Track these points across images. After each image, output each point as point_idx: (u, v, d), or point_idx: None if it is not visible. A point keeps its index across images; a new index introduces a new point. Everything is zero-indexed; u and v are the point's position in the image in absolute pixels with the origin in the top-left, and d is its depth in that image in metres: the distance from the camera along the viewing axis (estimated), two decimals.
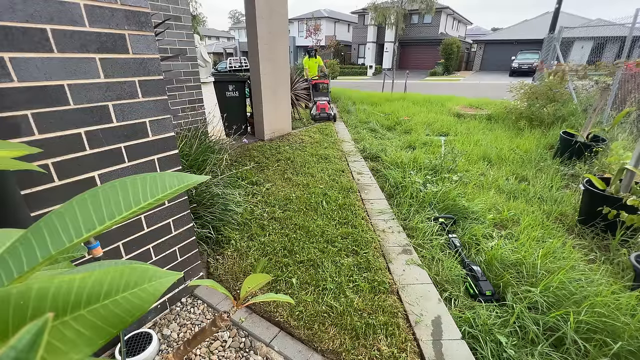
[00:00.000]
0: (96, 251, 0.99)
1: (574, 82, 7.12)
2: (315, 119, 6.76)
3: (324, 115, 6.72)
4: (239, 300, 0.84)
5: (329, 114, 6.74)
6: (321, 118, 6.75)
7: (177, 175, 0.45)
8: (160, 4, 3.38)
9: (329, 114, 6.74)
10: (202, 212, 2.39)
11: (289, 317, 1.77)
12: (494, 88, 13.67)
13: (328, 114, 6.73)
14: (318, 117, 6.73)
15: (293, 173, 3.76)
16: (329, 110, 6.79)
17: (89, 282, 0.29)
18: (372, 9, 21.42)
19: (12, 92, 1.03)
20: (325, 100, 6.98)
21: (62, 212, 0.35)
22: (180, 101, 3.88)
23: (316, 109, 6.80)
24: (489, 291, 1.99)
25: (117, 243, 1.46)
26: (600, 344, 1.59)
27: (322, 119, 6.75)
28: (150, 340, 1.51)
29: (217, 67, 18.96)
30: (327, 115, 6.71)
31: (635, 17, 6.15)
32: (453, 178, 3.64)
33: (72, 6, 1.10)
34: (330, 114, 6.74)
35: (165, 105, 1.48)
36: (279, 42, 4.86)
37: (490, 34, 35.11)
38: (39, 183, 1.15)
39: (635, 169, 2.51)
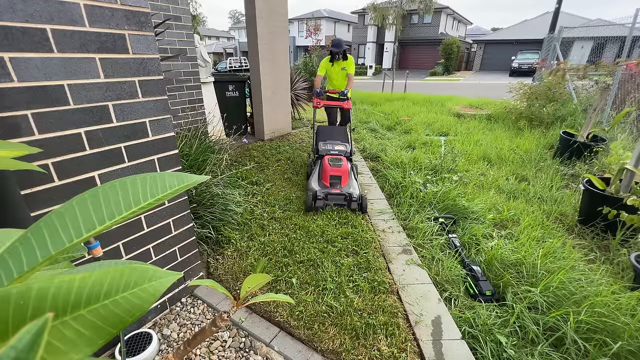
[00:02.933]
0: (96, 251, 0.99)
1: (574, 82, 7.12)
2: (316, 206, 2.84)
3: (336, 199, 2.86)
4: (239, 300, 0.84)
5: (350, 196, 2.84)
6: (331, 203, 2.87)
7: (177, 175, 0.45)
8: (160, 4, 3.38)
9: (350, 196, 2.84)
10: (202, 212, 2.39)
11: (289, 317, 1.77)
12: (494, 88, 13.68)
13: (347, 194, 2.84)
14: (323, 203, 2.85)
15: (293, 173, 3.76)
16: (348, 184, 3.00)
17: (89, 282, 0.29)
18: (371, 9, 21.42)
19: (12, 92, 1.03)
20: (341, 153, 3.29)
21: (62, 212, 0.35)
22: (180, 101, 3.88)
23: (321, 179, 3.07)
24: (489, 291, 1.99)
25: (117, 243, 1.46)
26: (600, 344, 1.59)
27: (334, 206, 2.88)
28: (150, 340, 1.51)
29: (217, 67, 18.96)
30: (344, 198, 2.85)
31: (635, 17, 6.16)
32: (453, 178, 3.64)
33: (72, 6, 1.10)
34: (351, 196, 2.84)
35: (165, 105, 1.48)
36: (279, 42, 4.86)
37: (490, 34, 35.10)
38: (39, 183, 1.15)
39: (635, 169, 2.51)
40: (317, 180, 3.06)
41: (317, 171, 3.17)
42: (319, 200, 2.80)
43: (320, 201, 2.81)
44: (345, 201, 2.85)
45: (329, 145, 3.41)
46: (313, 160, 3.50)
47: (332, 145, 3.42)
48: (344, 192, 2.84)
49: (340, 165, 3.00)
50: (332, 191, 2.84)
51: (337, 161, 3.07)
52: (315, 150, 3.43)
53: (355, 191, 2.90)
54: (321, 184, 3.00)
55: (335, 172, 2.97)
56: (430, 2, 20.53)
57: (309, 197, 2.80)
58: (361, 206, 2.83)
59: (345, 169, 3.00)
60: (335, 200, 2.85)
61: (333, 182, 2.97)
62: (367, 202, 2.93)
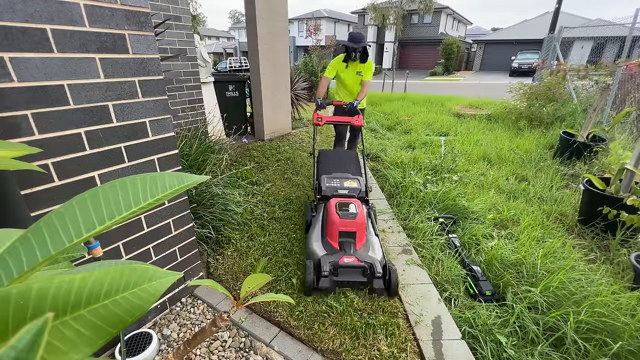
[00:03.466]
0: (96, 251, 0.99)
1: (573, 82, 7.12)
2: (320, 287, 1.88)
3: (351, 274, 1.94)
4: (239, 300, 0.84)
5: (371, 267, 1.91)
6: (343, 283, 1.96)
7: (177, 175, 0.45)
8: (160, 4, 3.38)
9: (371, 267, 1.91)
10: (202, 212, 2.39)
11: (289, 317, 1.77)
12: (494, 88, 13.68)
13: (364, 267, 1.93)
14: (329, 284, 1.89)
15: (293, 173, 3.76)
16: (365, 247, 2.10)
17: (89, 282, 0.29)
18: (371, 9, 21.42)
19: (12, 92, 1.03)
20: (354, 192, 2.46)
21: (62, 212, 0.35)
22: (180, 101, 3.88)
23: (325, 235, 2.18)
24: (489, 291, 1.99)
25: (117, 243, 1.46)
26: (600, 344, 1.59)
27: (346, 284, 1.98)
28: (150, 340, 1.51)
29: (217, 67, 18.96)
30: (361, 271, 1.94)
31: (635, 17, 6.16)
32: (453, 178, 3.64)
33: (72, 6, 1.10)
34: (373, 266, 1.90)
35: (165, 105, 1.48)
36: (279, 42, 4.86)
37: (490, 34, 35.11)
38: (39, 183, 1.15)
39: (635, 169, 2.51)
40: (320, 238, 2.15)
41: (320, 223, 2.25)
42: (325, 278, 1.86)
43: (326, 279, 1.86)
44: (365, 276, 1.91)
45: (336, 182, 2.52)
46: (314, 203, 2.54)
47: (339, 182, 2.52)
48: (362, 260, 1.92)
49: (355, 216, 2.08)
50: (343, 260, 1.91)
51: (350, 208, 2.15)
52: (317, 189, 2.53)
53: (378, 257, 1.98)
54: (326, 245, 2.08)
55: (348, 227, 2.07)
56: (430, 2, 20.53)
57: (309, 271, 1.89)
58: (389, 284, 1.88)
59: (361, 220, 2.07)
60: (349, 276, 1.92)
61: (344, 241, 2.07)
62: (397, 276, 1.92)
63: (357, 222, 2.07)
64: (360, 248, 2.07)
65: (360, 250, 2.05)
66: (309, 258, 2.06)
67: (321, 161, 2.83)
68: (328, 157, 2.88)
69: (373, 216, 2.44)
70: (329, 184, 2.51)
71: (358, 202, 2.25)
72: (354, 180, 2.57)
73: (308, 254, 2.12)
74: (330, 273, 1.88)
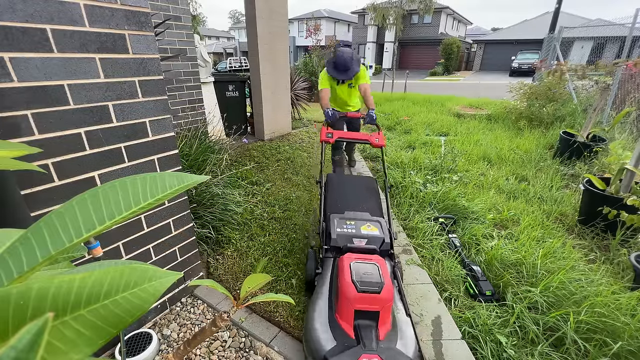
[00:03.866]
0: (96, 251, 0.99)
1: (573, 82, 7.12)
2: None
3: None
4: (239, 300, 0.84)
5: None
6: None
7: (177, 175, 0.45)
8: (160, 4, 3.38)
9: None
10: (202, 212, 2.39)
11: (289, 317, 1.77)
12: (494, 88, 13.68)
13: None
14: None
15: (293, 173, 3.76)
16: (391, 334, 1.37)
17: (89, 282, 0.29)
18: (371, 9, 21.43)
19: (12, 92, 1.03)
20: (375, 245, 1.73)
21: (62, 212, 0.35)
22: (180, 101, 3.88)
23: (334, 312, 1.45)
24: (489, 291, 1.99)
25: (117, 243, 1.46)
26: (600, 344, 1.59)
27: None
28: (150, 340, 1.51)
29: (217, 67, 18.96)
30: None
31: (635, 17, 6.16)
32: (453, 178, 3.64)
33: (72, 6, 1.10)
34: None
35: (165, 105, 1.48)
36: (279, 42, 4.86)
37: (490, 34, 35.11)
38: (39, 183, 1.15)
39: (635, 169, 2.51)
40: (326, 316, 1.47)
41: (327, 290, 1.61)
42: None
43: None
44: None
45: (350, 226, 1.83)
46: (320, 253, 1.85)
47: (355, 226, 1.84)
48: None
49: (380, 287, 1.40)
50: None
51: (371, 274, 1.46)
52: (324, 234, 1.88)
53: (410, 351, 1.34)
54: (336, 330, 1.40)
55: (369, 305, 1.38)
56: (430, 2, 20.52)
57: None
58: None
59: (388, 295, 1.40)
60: None
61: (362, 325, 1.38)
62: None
63: (382, 298, 1.37)
64: (385, 337, 1.36)
65: (385, 342, 1.34)
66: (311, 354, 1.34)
67: (330, 192, 2.15)
68: (339, 186, 2.20)
69: (400, 277, 1.73)
70: (340, 229, 1.81)
71: (382, 262, 1.56)
72: (374, 224, 1.86)
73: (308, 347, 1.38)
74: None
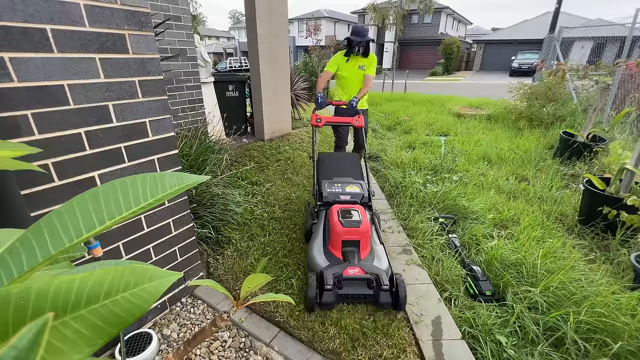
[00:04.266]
0: (96, 251, 0.99)
1: (574, 82, 7.13)
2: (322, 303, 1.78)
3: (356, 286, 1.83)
4: (239, 300, 0.84)
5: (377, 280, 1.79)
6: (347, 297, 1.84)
7: (177, 175, 0.45)
8: (160, 4, 3.38)
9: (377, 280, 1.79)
10: (202, 212, 2.39)
11: (289, 317, 1.77)
12: (494, 88, 13.68)
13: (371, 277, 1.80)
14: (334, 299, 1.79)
15: (293, 173, 3.76)
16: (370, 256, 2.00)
17: (89, 282, 0.29)
18: (370, 9, 21.43)
19: (12, 92, 1.03)
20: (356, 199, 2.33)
21: (62, 212, 0.35)
22: (180, 101, 3.88)
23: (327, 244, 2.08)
24: (489, 291, 1.99)
25: (117, 243, 1.46)
26: (600, 344, 1.59)
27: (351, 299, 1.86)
28: (150, 340, 1.51)
29: (217, 67, 18.96)
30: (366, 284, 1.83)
31: (635, 17, 6.16)
32: (453, 178, 3.64)
33: (72, 6, 1.10)
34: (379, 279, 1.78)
35: (165, 105, 1.48)
36: (279, 42, 4.86)
37: (490, 34, 35.11)
38: (39, 183, 1.15)
39: (635, 169, 2.51)
40: (322, 248, 2.03)
41: (322, 231, 2.15)
42: (328, 292, 1.74)
43: (330, 292, 1.75)
44: (370, 288, 1.81)
45: (338, 187, 2.39)
46: (315, 209, 2.37)
47: (341, 187, 2.40)
48: (367, 271, 1.80)
49: (359, 224, 1.95)
50: (347, 271, 1.78)
51: (353, 215, 2.02)
52: (318, 195, 2.39)
53: (384, 267, 1.89)
54: (329, 255, 1.97)
55: (351, 236, 1.94)
56: (430, 2, 20.53)
57: (311, 285, 1.78)
58: (397, 298, 1.78)
59: (365, 228, 1.94)
60: (354, 288, 1.81)
61: (348, 251, 1.95)
62: (405, 287, 1.82)
63: (360, 230, 1.94)
64: (364, 258, 1.96)
65: (364, 260, 1.93)
66: (311, 270, 1.93)
67: (321, 165, 2.69)
68: (328, 161, 2.75)
69: (377, 223, 2.32)
70: (330, 189, 2.37)
71: (361, 209, 2.11)
72: (356, 184, 2.45)
73: (309, 266, 1.99)
74: (334, 286, 1.74)
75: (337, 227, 1.96)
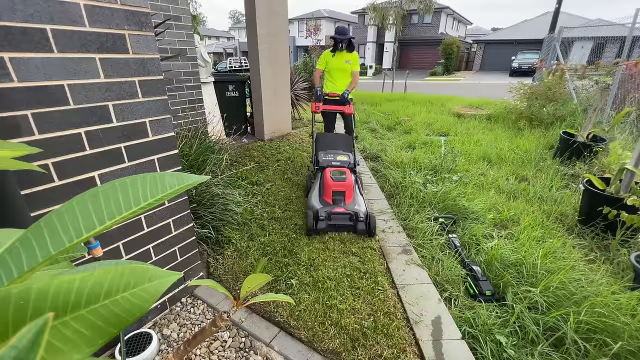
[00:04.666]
0: (96, 251, 0.99)
1: (573, 82, 7.13)
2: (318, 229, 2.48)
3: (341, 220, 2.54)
4: (239, 300, 0.84)
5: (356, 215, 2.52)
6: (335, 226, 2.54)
7: (177, 175, 0.45)
8: (160, 4, 3.38)
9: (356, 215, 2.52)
10: (202, 212, 2.39)
11: (289, 317, 1.77)
12: (494, 88, 13.68)
13: (352, 213, 2.53)
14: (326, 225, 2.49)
15: (293, 173, 3.76)
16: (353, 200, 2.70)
17: (89, 282, 0.29)
18: (370, 9, 21.44)
19: (12, 92, 1.03)
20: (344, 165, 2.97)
21: (62, 212, 0.35)
22: (180, 101, 3.88)
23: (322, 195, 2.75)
24: (489, 291, 1.99)
25: (117, 243, 1.46)
26: (600, 344, 1.59)
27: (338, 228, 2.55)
28: (150, 340, 1.51)
29: (217, 67, 18.96)
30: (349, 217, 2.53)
31: (635, 17, 6.16)
32: (453, 178, 3.64)
33: (72, 6, 1.10)
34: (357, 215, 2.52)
35: (165, 105, 1.48)
36: (279, 43, 4.86)
37: (490, 34, 35.11)
38: (39, 183, 1.15)
39: (635, 169, 2.51)
40: (317, 196, 2.74)
41: (318, 186, 2.83)
42: (321, 222, 2.47)
43: (323, 222, 2.47)
44: (351, 221, 2.52)
45: (330, 156, 3.07)
46: (313, 172, 3.20)
47: (333, 156, 3.07)
48: (349, 210, 2.53)
49: (344, 179, 2.68)
50: (335, 209, 2.52)
51: (340, 174, 2.74)
52: (315, 162, 3.12)
53: (362, 209, 2.60)
54: (323, 201, 2.69)
55: (339, 187, 2.66)
56: (430, 2, 20.54)
57: (309, 217, 2.48)
58: (369, 227, 2.49)
59: (349, 183, 2.68)
60: (340, 220, 2.53)
61: (336, 198, 2.67)
62: (375, 221, 2.59)
63: (346, 184, 2.68)
64: (348, 203, 2.67)
65: (348, 204, 2.64)
66: (309, 209, 2.60)
67: (319, 141, 3.35)
68: (325, 138, 3.42)
69: (360, 182, 3.08)
70: (324, 157, 3.05)
71: (347, 171, 2.81)
72: (344, 155, 3.11)
73: (309, 207, 2.68)
74: (325, 218, 2.47)
75: (329, 182, 2.69)
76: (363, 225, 2.50)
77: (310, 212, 2.54)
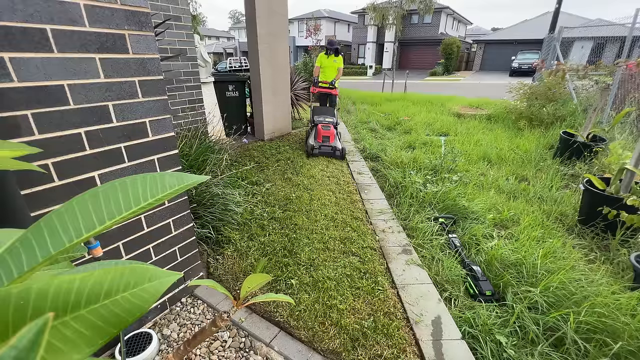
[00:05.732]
0: (96, 251, 0.99)
1: (573, 82, 7.13)
2: (313, 154, 4.37)
3: (326, 150, 4.36)
4: (239, 300, 0.84)
5: (335, 148, 4.35)
6: (323, 153, 4.39)
7: (177, 175, 0.45)
8: (160, 4, 3.38)
9: (335, 148, 4.35)
10: (202, 212, 2.39)
11: (289, 317, 1.77)
12: (494, 88, 13.68)
13: (333, 147, 4.34)
14: (318, 152, 4.37)
15: (293, 173, 3.76)
16: (334, 141, 4.44)
17: (89, 282, 0.29)
18: (370, 9, 21.44)
19: (12, 92, 1.03)
20: (330, 123, 4.63)
21: (62, 212, 0.35)
22: (180, 101, 3.88)
23: (316, 138, 4.46)
24: (489, 291, 1.99)
25: (117, 243, 1.46)
26: (600, 344, 1.59)
27: (324, 154, 4.39)
28: (150, 340, 1.51)
29: (217, 67, 18.96)
30: (331, 149, 4.35)
31: (635, 17, 6.16)
32: (453, 178, 3.64)
33: (72, 6, 1.10)
34: (336, 148, 4.35)
35: (165, 105, 1.48)
36: (279, 43, 4.86)
37: (490, 34, 35.09)
38: (39, 183, 1.15)
39: (635, 169, 2.51)
40: (313, 138, 4.48)
41: (313, 133, 4.57)
42: (315, 150, 4.32)
43: (316, 150, 4.33)
44: (332, 151, 4.34)
45: (322, 118, 4.75)
46: (310, 127, 4.92)
47: (323, 118, 4.76)
48: (332, 145, 4.33)
49: (329, 129, 4.45)
50: (323, 144, 4.35)
51: (327, 127, 4.48)
52: (312, 121, 4.85)
53: (339, 145, 4.39)
54: (316, 142, 4.41)
55: (326, 133, 4.42)
56: (430, 2, 20.54)
57: (308, 148, 4.36)
58: (342, 154, 4.35)
59: (332, 132, 4.46)
60: (325, 150, 4.35)
61: (324, 139, 4.40)
62: (346, 152, 4.49)
63: (330, 132, 4.44)
64: (331, 142, 4.39)
65: (331, 143, 4.37)
66: (308, 145, 4.40)
67: (314, 111, 5.08)
68: (318, 109, 5.20)
69: (339, 134, 4.92)
70: (318, 118, 4.74)
71: (332, 126, 4.56)
72: (331, 118, 4.80)
73: (307, 144, 4.46)
74: (317, 149, 4.31)
75: (320, 130, 4.43)
76: (339, 153, 4.34)
77: (308, 146, 4.38)
